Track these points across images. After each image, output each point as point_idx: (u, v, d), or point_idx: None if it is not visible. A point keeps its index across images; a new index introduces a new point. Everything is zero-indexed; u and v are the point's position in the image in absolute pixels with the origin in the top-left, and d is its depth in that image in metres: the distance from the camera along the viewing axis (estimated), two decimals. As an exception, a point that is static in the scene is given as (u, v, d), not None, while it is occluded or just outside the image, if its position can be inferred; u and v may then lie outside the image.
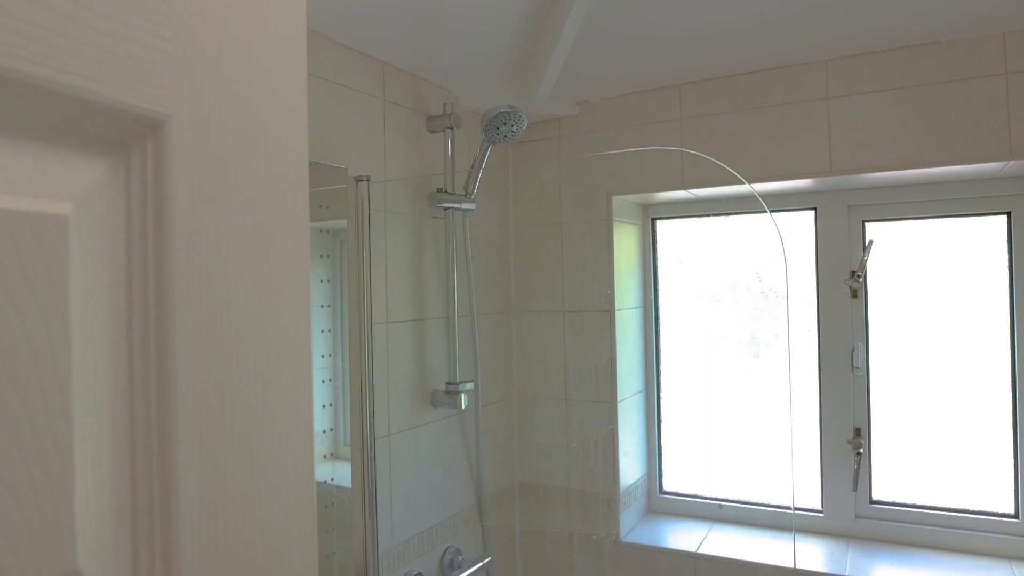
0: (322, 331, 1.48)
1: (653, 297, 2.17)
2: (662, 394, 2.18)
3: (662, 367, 2.18)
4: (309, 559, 0.42)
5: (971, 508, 1.80)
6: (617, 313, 1.99)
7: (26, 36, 0.28)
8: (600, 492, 1.99)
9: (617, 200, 1.99)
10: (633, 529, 2.02)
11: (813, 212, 1.94)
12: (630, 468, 2.05)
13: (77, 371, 0.30)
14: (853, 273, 1.88)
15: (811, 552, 1.82)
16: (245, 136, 0.40)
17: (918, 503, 1.85)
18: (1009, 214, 1.77)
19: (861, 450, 1.87)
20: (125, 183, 0.34)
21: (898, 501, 1.88)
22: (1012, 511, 1.76)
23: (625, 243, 2.06)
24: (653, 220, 2.17)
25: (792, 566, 1.73)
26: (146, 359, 0.34)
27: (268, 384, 0.40)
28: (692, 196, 2.00)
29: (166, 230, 0.34)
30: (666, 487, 2.17)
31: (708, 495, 2.09)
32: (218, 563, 0.36)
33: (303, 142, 0.45)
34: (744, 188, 1.80)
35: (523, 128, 1.70)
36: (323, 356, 1.47)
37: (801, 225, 1.97)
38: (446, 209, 1.79)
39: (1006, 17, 1.50)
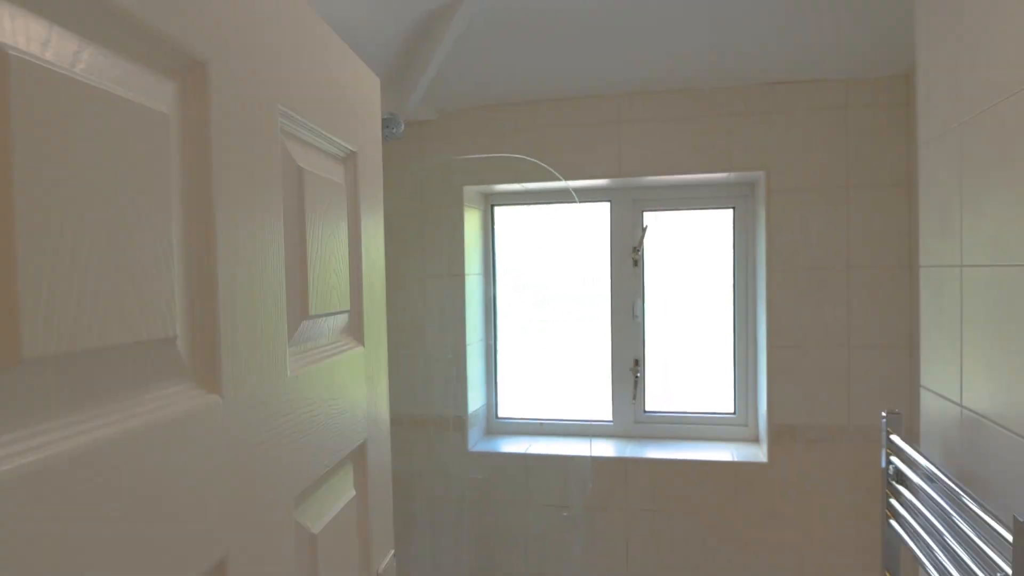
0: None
1: (492, 265, 2.77)
2: (498, 342, 2.79)
3: (498, 321, 2.79)
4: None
5: (708, 410, 2.61)
6: (466, 278, 2.56)
7: None
8: (453, 417, 2.56)
9: (467, 190, 2.55)
10: (477, 443, 2.62)
11: (608, 203, 2.64)
12: (474, 399, 2.64)
13: (154, 222, 0.80)
14: (634, 248, 2.60)
15: (605, 447, 2.53)
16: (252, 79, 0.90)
17: (675, 409, 2.63)
18: (734, 208, 2.58)
19: (639, 374, 2.61)
20: (183, 99, 0.83)
21: (662, 409, 2.65)
22: (732, 411, 2.59)
23: (471, 224, 2.63)
24: (492, 206, 2.77)
25: (589, 455, 2.43)
26: (197, 223, 0.83)
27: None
28: (523, 188, 2.61)
29: (207, 138, 0.84)
30: (501, 414, 2.79)
31: (532, 417, 2.75)
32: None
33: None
34: (560, 184, 2.44)
35: (401, 131, 2.20)
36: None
37: (599, 213, 2.66)
38: (335, 192, 2.24)
39: (737, 75, 2.27)
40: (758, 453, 2.41)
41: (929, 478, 1.19)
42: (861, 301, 2.23)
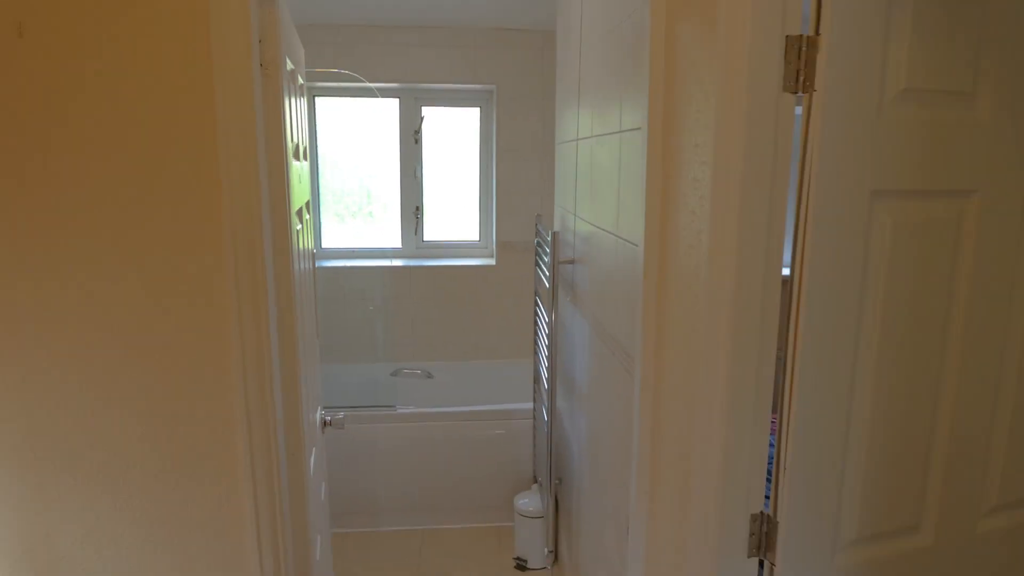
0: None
1: (314, 140, 3.90)
2: (321, 195, 3.97)
3: (320, 180, 3.95)
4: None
5: (462, 238, 4.07)
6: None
7: None
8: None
9: (298, 84, 3.62)
10: (310, 264, 3.84)
11: (398, 100, 3.87)
12: (307, 233, 3.83)
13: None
14: (415, 131, 3.88)
15: (397, 263, 3.89)
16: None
17: (442, 238, 4.06)
18: (480, 107, 3.94)
19: (419, 216, 3.97)
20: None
21: (435, 239, 4.06)
22: (478, 239, 4.07)
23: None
24: (313, 96, 3.86)
25: (390, 264, 3.79)
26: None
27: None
28: (339, 86, 3.74)
29: None
30: (324, 244, 4.02)
31: (347, 247, 4.01)
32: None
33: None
34: (366, 84, 3.62)
35: (256, 44, 3.20)
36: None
37: (391, 106, 3.88)
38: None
39: (483, 20, 3.56)
40: (491, 261, 3.94)
41: (547, 243, 2.70)
42: (546, 169, 3.76)
